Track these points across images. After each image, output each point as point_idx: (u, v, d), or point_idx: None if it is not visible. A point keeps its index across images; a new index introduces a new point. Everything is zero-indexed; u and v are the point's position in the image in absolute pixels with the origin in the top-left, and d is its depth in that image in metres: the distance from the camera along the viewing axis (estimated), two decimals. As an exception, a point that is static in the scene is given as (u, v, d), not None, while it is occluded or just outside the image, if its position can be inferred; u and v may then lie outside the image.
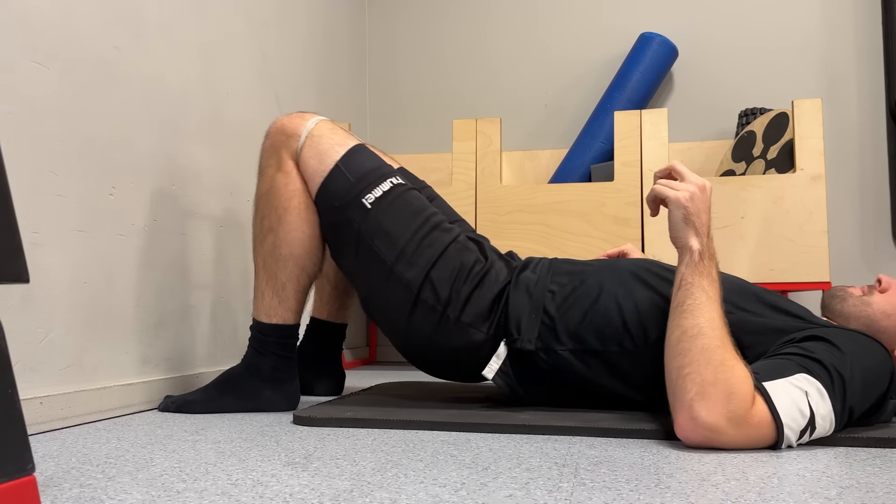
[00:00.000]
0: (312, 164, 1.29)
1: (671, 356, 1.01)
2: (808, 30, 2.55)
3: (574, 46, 2.75)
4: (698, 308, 1.00)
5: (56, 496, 0.73)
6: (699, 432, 0.94)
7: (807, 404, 0.94)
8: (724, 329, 0.99)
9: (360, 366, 2.48)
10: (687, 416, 0.95)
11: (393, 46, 2.91)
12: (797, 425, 0.94)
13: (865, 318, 1.19)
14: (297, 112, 1.35)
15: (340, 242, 1.30)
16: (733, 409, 0.92)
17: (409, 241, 1.24)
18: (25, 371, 1.12)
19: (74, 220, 1.24)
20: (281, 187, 1.29)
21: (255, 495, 0.73)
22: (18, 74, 1.13)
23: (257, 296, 1.33)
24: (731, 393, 0.93)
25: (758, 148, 2.20)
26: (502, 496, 0.72)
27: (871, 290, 1.22)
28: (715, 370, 0.94)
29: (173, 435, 1.09)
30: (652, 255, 2.09)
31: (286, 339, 1.33)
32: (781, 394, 0.94)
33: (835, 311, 1.23)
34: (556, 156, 2.53)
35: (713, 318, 0.99)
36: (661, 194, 1.12)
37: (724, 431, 0.93)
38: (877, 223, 2.47)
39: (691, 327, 0.99)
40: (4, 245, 0.60)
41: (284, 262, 1.30)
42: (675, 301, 1.04)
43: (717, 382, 0.93)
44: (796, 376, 0.96)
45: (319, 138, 1.30)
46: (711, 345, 0.97)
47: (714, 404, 0.93)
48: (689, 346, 0.98)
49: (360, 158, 1.30)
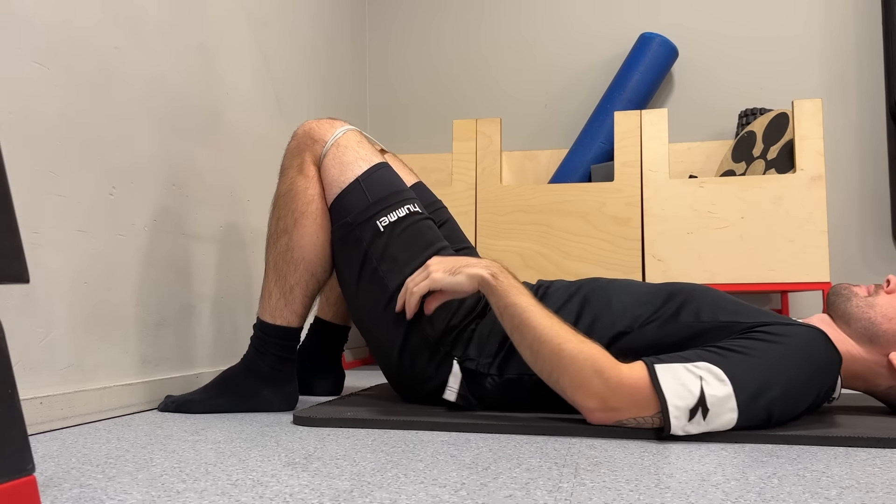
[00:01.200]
0: (333, 173, 1.29)
1: (539, 374, 1.09)
2: (808, 30, 2.55)
3: (574, 46, 2.75)
4: (524, 323, 1.07)
5: (56, 496, 0.73)
6: (596, 415, 1.04)
7: (698, 385, 0.98)
8: (555, 323, 1.06)
9: (360, 366, 2.48)
10: (582, 408, 1.05)
11: (393, 46, 2.91)
12: (684, 402, 0.98)
13: (866, 320, 1.17)
14: (327, 118, 1.36)
15: (345, 257, 1.30)
16: (605, 380, 1.01)
17: (414, 271, 1.24)
18: (25, 371, 1.12)
19: (74, 220, 1.24)
20: (300, 191, 1.30)
21: (255, 495, 0.73)
22: (18, 74, 1.13)
23: (264, 295, 1.33)
24: (595, 370, 1.02)
25: (758, 148, 2.20)
26: (502, 496, 0.72)
27: (878, 289, 1.21)
28: (570, 363, 1.03)
29: (173, 435, 1.09)
30: (653, 254, 2.09)
31: (288, 341, 1.33)
32: (666, 373, 1.00)
33: (838, 309, 1.21)
34: (556, 156, 2.53)
35: (541, 323, 1.06)
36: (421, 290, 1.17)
37: (609, 401, 1.02)
38: (877, 223, 2.47)
39: (532, 342, 1.07)
40: (4, 245, 0.60)
41: (296, 266, 1.30)
42: (506, 328, 1.11)
43: (580, 370, 1.02)
44: (695, 363, 1.01)
45: (345, 149, 1.30)
46: (555, 346, 1.04)
47: (589, 387, 1.02)
48: (542, 358, 1.06)
49: (382, 179, 1.30)
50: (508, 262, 2.14)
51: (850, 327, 1.19)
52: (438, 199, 1.51)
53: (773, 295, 2.49)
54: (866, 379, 1.19)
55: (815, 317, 1.24)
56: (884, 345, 1.16)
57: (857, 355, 1.17)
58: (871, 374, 1.18)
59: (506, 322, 1.10)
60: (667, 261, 2.08)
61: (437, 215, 1.45)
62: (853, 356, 1.17)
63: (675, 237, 2.08)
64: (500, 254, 2.17)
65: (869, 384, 1.19)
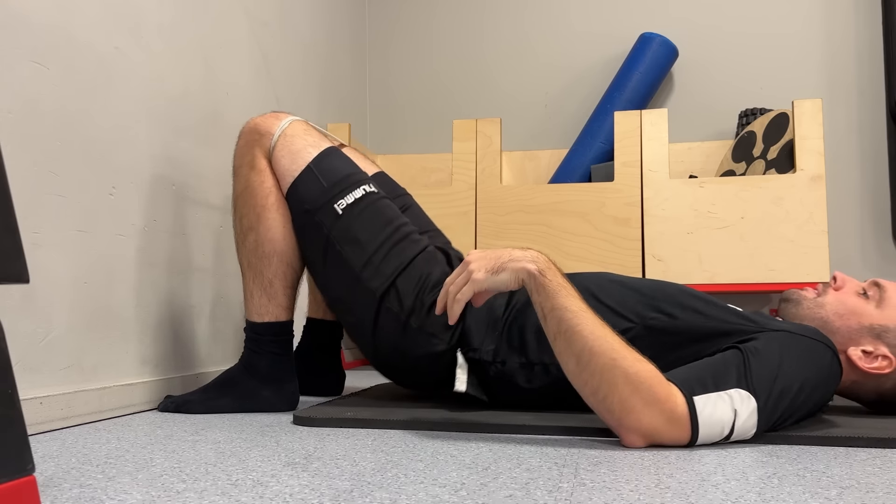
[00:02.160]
0: (284, 164, 1.29)
1: (579, 386, 0.99)
2: (808, 30, 2.55)
3: (574, 47, 2.75)
4: (574, 330, 0.97)
5: (56, 496, 0.73)
6: (632, 438, 0.96)
7: (730, 421, 0.95)
8: (608, 334, 0.97)
9: (360, 366, 2.48)
10: (626, 435, 0.96)
11: (393, 46, 2.91)
12: (711, 439, 0.97)
13: (819, 321, 1.18)
14: (271, 112, 1.36)
15: (308, 244, 1.30)
16: (661, 412, 0.94)
17: (378, 249, 1.25)
18: (25, 371, 1.12)
19: (74, 220, 1.24)
20: (256, 186, 1.30)
21: (255, 495, 0.73)
22: (18, 74, 1.13)
23: (247, 296, 1.33)
24: (652, 399, 0.94)
25: (758, 148, 2.20)
26: (502, 496, 0.72)
27: (826, 288, 1.22)
28: (625, 383, 0.94)
29: (173, 435, 1.09)
30: (653, 254, 2.09)
31: (281, 336, 1.33)
32: (704, 406, 0.95)
33: (789, 314, 1.23)
34: (556, 156, 2.53)
35: (593, 331, 0.97)
36: (466, 297, 1.03)
37: (659, 432, 0.95)
38: (877, 223, 2.47)
39: (582, 351, 0.97)
40: (4, 245, 0.60)
41: (269, 259, 1.30)
42: (549, 332, 1.00)
43: (634, 393, 0.94)
44: (728, 391, 0.96)
45: (293, 138, 1.30)
46: (608, 361, 0.95)
47: (640, 415, 0.94)
48: (590, 371, 0.96)
49: (334, 162, 1.30)
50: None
51: None
52: (402, 188, 1.52)
53: (774, 295, 2.49)
54: None
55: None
56: (840, 342, 1.16)
57: None
58: None
59: (550, 325, 0.99)
60: (667, 261, 2.08)
61: (401, 201, 1.46)
62: None
63: (675, 237, 2.08)
64: (500, 254, 2.17)
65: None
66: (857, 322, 1.17)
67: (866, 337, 1.16)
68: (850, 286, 1.21)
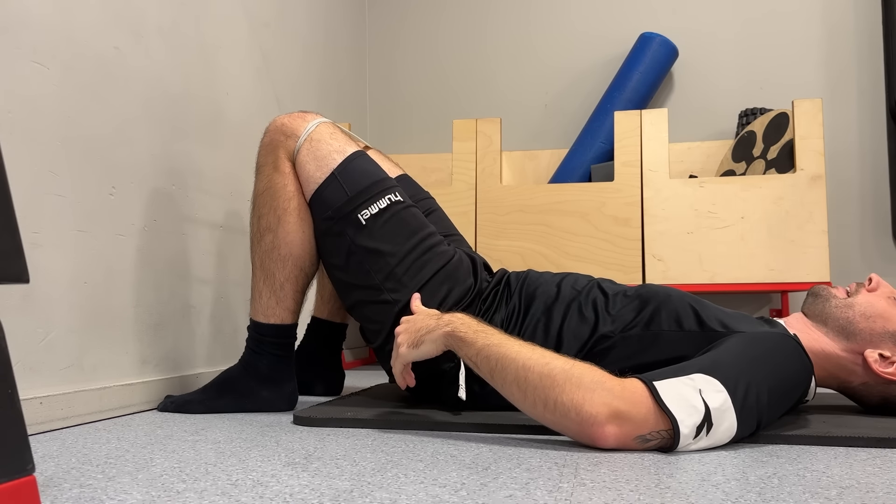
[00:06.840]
0: (309, 169, 1.28)
1: (532, 410, 0.98)
2: (808, 30, 2.55)
3: (574, 46, 2.75)
4: (503, 357, 1.00)
5: (56, 496, 0.73)
6: (609, 429, 0.92)
7: (699, 399, 0.92)
8: (536, 349, 1.00)
9: (360, 366, 2.48)
10: (595, 430, 0.93)
11: (393, 46, 2.91)
12: (692, 420, 0.91)
13: (844, 321, 1.18)
14: (298, 112, 1.34)
15: (330, 251, 1.30)
16: (609, 389, 0.92)
17: (401, 262, 1.24)
18: (25, 371, 1.12)
19: (74, 220, 1.24)
20: (279, 188, 1.29)
21: (255, 495, 0.73)
22: (18, 74, 1.13)
23: (254, 296, 1.32)
24: (595, 380, 0.93)
25: (758, 148, 2.20)
26: (502, 496, 0.72)
27: (859, 287, 1.22)
28: (566, 379, 0.94)
29: (173, 435, 1.09)
30: (653, 254, 2.09)
31: (284, 339, 1.33)
32: (668, 389, 0.92)
33: (816, 309, 1.22)
34: (556, 156, 2.53)
35: (520, 351, 0.99)
36: (400, 371, 1.14)
37: (620, 407, 0.92)
38: (877, 223, 2.47)
39: (517, 372, 0.98)
40: (4, 245, 0.60)
41: (283, 262, 1.30)
42: (485, 375, 1.03)
43: (579, 382, 0.93)
44: (689, 375, 0.95)
45: (318, 142, 1.28)
46: (543, 367, 0.96)
47: (593, 397, 0.92)
48: (532, 386, 0.96)
49: (359, 169, 1.28)
50: (508, 262, 2.14)
51: (826, 326, 1.20)
52: (425, 191, 1.51)
53: (773, 295, 2.49)
54: (840, 377, 1.20)
55: (793, 315, 1.26)
56: (859, 342, 1.17)
57: (832, 353, 1.18)
58: (845, 372, 1.19)
59: (483, 367, 1.02)
60: (667, 261, 2.08)
61: (424, 205, 1.45)
62: (828, 354, 1.18)
63: (675, 237, 2.08)
64: (500, 254, 2.17)
65: (842, 382, 1.20)
66: (882, 326, 1.17)
67: (887, 342, 1.16)
68: (882, 290, 1.21)
